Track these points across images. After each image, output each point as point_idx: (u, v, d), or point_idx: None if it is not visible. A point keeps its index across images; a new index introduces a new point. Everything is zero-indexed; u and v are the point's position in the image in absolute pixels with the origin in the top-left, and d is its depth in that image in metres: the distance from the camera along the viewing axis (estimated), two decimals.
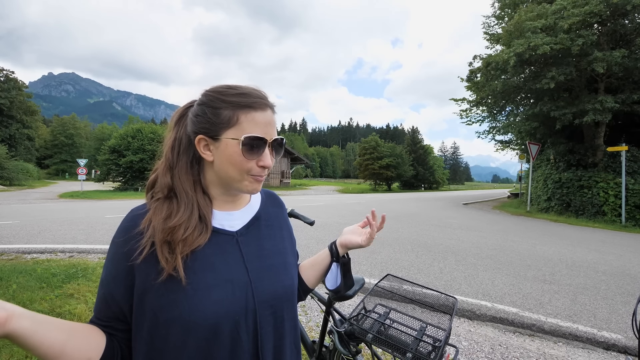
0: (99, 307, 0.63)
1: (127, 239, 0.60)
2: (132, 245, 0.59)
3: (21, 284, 3.25)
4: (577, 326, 2.81)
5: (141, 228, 0.61)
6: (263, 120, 0.63)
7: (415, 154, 44.83)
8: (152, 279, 0.57)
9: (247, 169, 0.63)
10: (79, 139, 60.54)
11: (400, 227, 8.13)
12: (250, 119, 0.62)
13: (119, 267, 0.60)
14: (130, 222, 0.62)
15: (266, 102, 0.65)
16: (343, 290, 0.84)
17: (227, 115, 0.62)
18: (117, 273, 0.61)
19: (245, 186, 0.65)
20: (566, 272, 4.51)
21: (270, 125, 0.64)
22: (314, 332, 2.58)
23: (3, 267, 3.72)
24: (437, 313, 1.09)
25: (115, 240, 0.62)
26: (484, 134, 17.61)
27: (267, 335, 0.64)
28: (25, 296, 2.94)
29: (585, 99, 11.21)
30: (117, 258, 0.61)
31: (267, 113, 0.64)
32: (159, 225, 0.60)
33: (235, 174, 0.64)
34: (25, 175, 31.63)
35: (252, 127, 0.62)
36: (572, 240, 7.19)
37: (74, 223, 7.50)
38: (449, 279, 4.05)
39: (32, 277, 3.43)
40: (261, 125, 0.63)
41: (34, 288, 3.16)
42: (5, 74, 41.67)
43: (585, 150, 12.56)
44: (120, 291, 0.60)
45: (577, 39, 10.01)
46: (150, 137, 24.50)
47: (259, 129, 0.62)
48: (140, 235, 0.60)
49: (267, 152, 0.64)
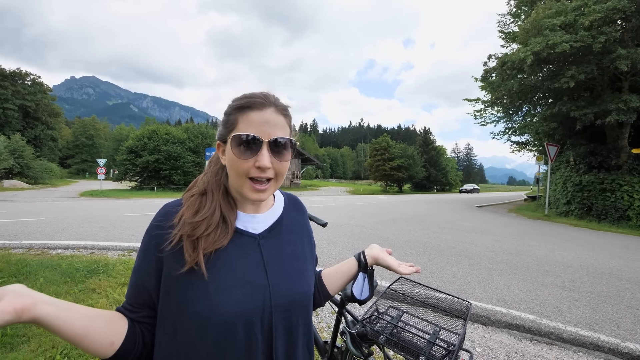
0: (130, 293, 0.66)
1: (159, 231, 0.64)
2: (163, 237, 0.63)
3: (48, 278, 3.41)
4: (599, 336, 2.71)
5: (173, 222, 0.64)
6: (259, 119, 0.63)
7: (427, 155, 44.21)
8: (176, 271, 0.61)
9: (244, 171, 0.63)
10: (98, 139, 62.88)
11: (412, 230, 8.03)
12: (245, 119, 0.63)
13: (150, 257, 0.64)
14: (163, 216, 0.66)
15: (265, 101, 0.64)
16: (368, 299, 0.87)
17: (231, 119, 0.65)
18: (148, 262, 0.64)
19: (247, 193, 0.64)
20: (587, 279, 4.35)
21: (268, 124, 0.63)
22: (326, 333, 2.59)
23: (31, 262, 3.92)
24: (450, 317, 1.09)
25: (149, 232, 0.66)
26: (499, 134, 17.18)
27: (281, 338, 0.65)
28: (51, 290, 3.09)
29: (608, 98, 10.77)
30: (149, 248, 0.64)
31: (266, 112, 0.63)
32: (188, 219, 0.64)
33: (235, 177, 0.65)
34: (49, 174, 33.10)
35: (247, 126, 0.63)
36: (594, 246, 6.92)
37: (94, 221, 7.80)
38: (463, 283, 3.98)
39: (57, 272, 3.59)
40: (256, 124, 0.63)
41: (59, 282, 3.31)
42: (32, 79, 43.77)
43: (608, 152, 12.05)
44: (150, 280, 0.63)
45: (598, 36, 9.64)
46: (165, 138, 25.17)
47: (253, 128, 0.62)
48: (171, 229, 0.63)
49: (264, 152, 0.62)
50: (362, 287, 0.85)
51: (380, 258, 0.85)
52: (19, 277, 3.43)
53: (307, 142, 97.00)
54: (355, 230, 7.64)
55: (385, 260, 0.84)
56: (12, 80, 41.48)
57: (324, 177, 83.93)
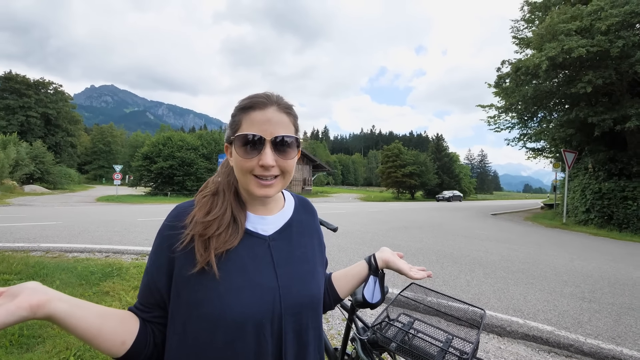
0: (142, 293, 0.67)
1: (171, 232, 0.64)
2: (175, 237, 0.63)
3: (64, 280, 3.51)
4: (622, 349, 2.58)
5: (185, 222, 0.65)
6: (261, 118, 0.64)
7: (440, 162, 43.64)
8: (187, 271, 0.61)
9: (248, 169, 0.64)
10: (115, 146, 64.87)
11: (424, 237, 7.89)
12: (248, 119, 0.64)
13: (162, 257, 0.64)
14: (175, 217, 0.67)
15: (267, 101, 0.65)
16: (380, 303, 0.85)
17: (236, 120, 0.67)
18: (160, 263, 0.65)
19: (252, 189, 0.65)
20: (608, 289, 4.16)
21: (270, 123, 0.63)
22: (336, 340, 2.56)
23: (48, 264, 4.04)
24: (463, 325, 1.06)
25: (161, 232, 0.66)
26: (514, 141, 16.79)
27: (290, 341, 0.65)
28: (67, 292, 3.15)
29: (628, 103, 10.43)
30: (161, 249, 0.65)
31: (268, 111, 0.64)
32: (200, 218, 0.65)
33: (240, 176, 0.66)
34: (67, 179, 34.30)
35: (249, 126, 0.64)
36: (615, 256, 6.63)
37: (109, 225, 8.00)
38: (477, 292, 3.87)
39: (73, 275, 3.69)
40: (258, 123, 0.63)
41: (75, 285, 3.40)
42: (54, 88, 45.83)
43: (629, 159, 11.60)
44: (162, 280, 0.64)
45: (616, 41, 9.40)
46: (179, 144, 25.74)
47: (256, 127, 0.63)
48: (183, 229, 0.64)
49: (267, 151, 0.63)
50: (373, 290, 0.84)
51: (391, 261, 0.84)
52: (36, 279, 3.54)
53: (319, 148, 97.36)
54: (367, 237, 7.56)
55: (396, 264, 0.83)
56: (36, 89, 43.55)
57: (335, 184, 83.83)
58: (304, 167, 36.32)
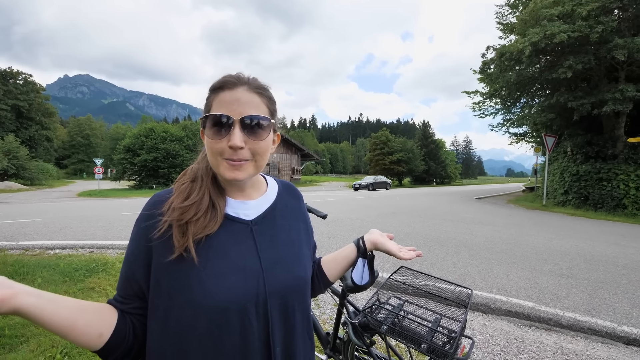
0: (121, 284, 0.65)
1: (148, 220, 0.63)
2: (152, 226, 0.62)
3: (45, 278, 3.40)
4: (596, 320, 2.74)
5: (162, 210, 0.63)
6: (230, 98, 0.62)
7: (427, 149, 44.24)
8: (165, 259, 0.59)
9: (218, 151, 0.61)
10: (95, 139, 62.35)
11: (412, 222, 8.06)
12: (217, 101, 0.63)
13: (140, 246, 0.63)
14: (152, 205, 0.65)
15: (237, 81, 0.63)
16: (369, 285, 0.85)
17: (207, 102, 0.65)
18: (137, 253, 0.63)
19: (223, 172, 0.63)
20: (584, 266, 4.39)
21: (238, 103, 0.61)
22: (328, 325, 2.60)
23: (28, 262, 3.90)
24: (451, 305, 1.09)
25: (138, 222, 0.65)
26: (497, 126, 17.18)
27: (277, 324, 0.64)
28: (49, 289, 3.08)
29: (605, 88, 10.77)
30: (138, 237, 0.64)
31: (238, 90, 0.62)
32: (177, 204, 0.63)
33: (211, 159, 0.64)
34: (45, 175, 32.85)
35: (218, 107, 0.62)
36: (591, 234, 6.97)
37: (92, 220, 7.77)
38: (463, 273, 4.01)
39: (55, 272, 3.58)
40: (226, 103, 0.61)
41: (58, 282, 3.30)
42: (24, 78, 43.16)
43: (605, 142, 12.09)
44: (140, 270, 0.62)
45: (596, 26, 9.60)
46: (162, 136, 25.00)
47: (224, 108, 0.61)
48: (160, 216, 0.62)
49: (235, 132, 0.60)
50: (362, 272, 0.84)
51: (380, 243, 0.83)
52: (16, 277, 3.41)
53: (307, 137, 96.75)
54: (356, 223, 7.65)
55: (385, 245, 0.82)
56: (4, 80, 40.91)
57: (324, 173, 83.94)
58: (292, 156, 36.10)
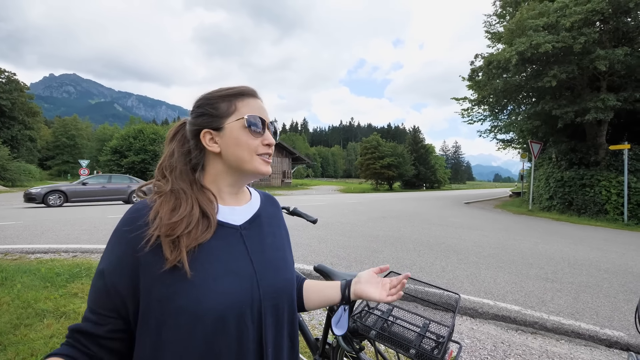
0: (97, 298, 0.60)
1: (132, 230, 0.60)
2: (138, 235, 0.59)
3: (25, 283, 3.27)
4: (580, 324, 2.81)
5: (147, 219, 0.61)
6: (257, 105, 0.71)
7: (417, 154, 44.77)
8: (158, 269, 0.57)
9: (254, 148, 0.68)
10: (80, 139, 60.69)
11: (402, 226, 8.12)
12: (246, 104, 0.70)
13: (124, 257, 0.60)
14: (135, 213, 0.62)
15: (256, 93, 0.73)
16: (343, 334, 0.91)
17: (225, 106, 0.68)
18: (121, 264, 0.60)
19: (256, 167, 0.69)
20: (568, 270, 4.50)
21: (263, 110, 0.72)
22: (317, 330, 2.59)
23: (7, 267, 3.75)
24: (439, 310, 1.10)
25: (120, 230, 0.61)
26: (485, 132, 17.59)
27: (270, 325, 0.66)
28: (29, 295, 2.96)
29: (587, 97, 11.18)
30: (122, 248, 0.60)
31: (258, 100, 0.72)
32: (166, 217, 0.61)
33: (244, 155, 0.68)
34: (27, 176, 31.74)
35: (250, 110, 0.69)
36: (575, 239, 7.17)
37: (76, 223, 7.54)
38: (451, 277, 4.05)
39: (36, 277, 3.45)
40: (257, 108, 0.70)
41: (39, 287, 3.18)
42: (6, 76, 41.81)
43: (588, 149, 12.51)
44: (123, 282, 0.59)
45: (579, 37, 9.97)
46: (151, 137, 24.62)
47: (256, 111, 0.70)
48: (146, 226, 0.60)
49: (269, 133, 0.71)
50: (340, 318, 0.88)
51: (364, 294, 0.81)
52: None
53: (298, 141, 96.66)
54: (346, 228, 7.66)
55: (368, 295, 0.80)
56: None
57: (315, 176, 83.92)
58: (284, 159, 36.00)
